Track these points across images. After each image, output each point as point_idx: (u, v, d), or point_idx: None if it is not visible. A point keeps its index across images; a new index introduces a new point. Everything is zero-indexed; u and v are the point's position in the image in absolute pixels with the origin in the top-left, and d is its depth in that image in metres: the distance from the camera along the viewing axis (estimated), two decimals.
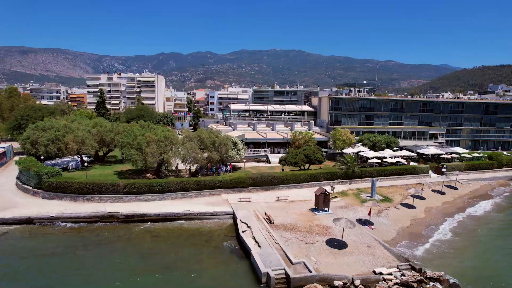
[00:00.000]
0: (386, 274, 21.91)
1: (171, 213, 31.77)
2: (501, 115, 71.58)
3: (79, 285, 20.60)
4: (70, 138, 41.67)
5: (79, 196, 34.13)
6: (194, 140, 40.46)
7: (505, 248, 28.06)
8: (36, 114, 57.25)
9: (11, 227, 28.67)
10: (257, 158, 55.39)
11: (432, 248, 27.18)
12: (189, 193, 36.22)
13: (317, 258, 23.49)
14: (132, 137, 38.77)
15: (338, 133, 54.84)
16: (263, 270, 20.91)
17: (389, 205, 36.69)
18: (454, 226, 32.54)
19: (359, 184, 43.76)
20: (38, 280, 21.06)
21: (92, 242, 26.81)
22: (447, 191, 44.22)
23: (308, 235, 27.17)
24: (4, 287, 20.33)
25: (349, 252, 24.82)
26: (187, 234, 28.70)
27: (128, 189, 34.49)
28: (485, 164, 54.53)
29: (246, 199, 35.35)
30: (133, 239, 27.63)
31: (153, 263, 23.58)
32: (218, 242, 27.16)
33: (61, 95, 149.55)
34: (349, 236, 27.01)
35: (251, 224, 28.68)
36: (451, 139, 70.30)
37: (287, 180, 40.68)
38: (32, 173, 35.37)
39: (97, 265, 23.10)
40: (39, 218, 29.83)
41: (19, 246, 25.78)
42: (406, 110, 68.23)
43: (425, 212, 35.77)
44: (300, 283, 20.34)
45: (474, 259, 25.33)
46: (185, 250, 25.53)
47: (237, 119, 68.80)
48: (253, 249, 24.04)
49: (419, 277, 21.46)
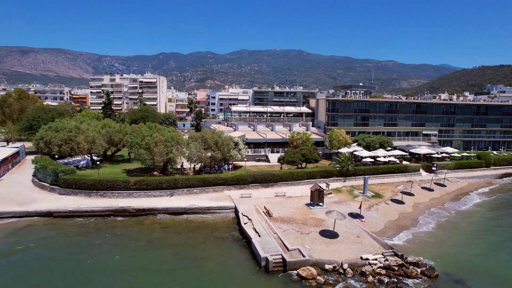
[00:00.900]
0: (371, 259, 24.74)
1: (178, 207, 34.60)
2: (492, 116, 74.43)
3: (99, 268, 23.34)
4: (82, 139, 44.45)
5: (93, 192, 36.97)
6: (198, 140, 43.29)
7: (480, 238, 30.91)
8: (46, 115, 60.03)
9: (34, 219, 31.50)
10: (257, 157, 58.21)
11: (415, 238, 30.01)
12: (194, 190, 39.06)
13: (311, 246, 26.32)
14: (141, 137, 41.58)
15: (334, 133, 57.69)
16: (263, 255, 23.74)
17: (379, 200, 39.52)
18: (438, 220, 35.30)
19: (353, 182, 46.62)
20: (62, 263, 23.82)
21: (107, 232, 29.59)
22: (436, 188, 47.03)
23: (303, 227, 30.00)
24: (34, 270, 23.06)
25: (340, 241, 27.65)
26: (193, 226, 31.53)
27: (138, 186, 37.35)
28: (473, 163, 57.38)
29: (247, 195, 38.22)
30: (144, 230, 30.41)
31: (163, 250, 26.37)
32: (222, 232, 29.99)
33: (64, 96, 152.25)
34: (340, 227, 29.84)
35: (252, 217, 31.52)
36: (443, 139, 73.11)
37: (285, 177, 43.52)
38: (49, 171, 38.19)
39: (113, 251, 25.87)
40: (58, 211, 32.64)
41: (42, 235, 28.55)
42: (400, 111, 71.05)
43: (413, 207, 38.60)
44: (295, 266, 23.18)
45: (451, 247, 28.15)
46: (192, 239, 28.36)
47: (238, 120, 71.61)
48: (254, 238, 26.88)
49: (400, 261, 24.30)
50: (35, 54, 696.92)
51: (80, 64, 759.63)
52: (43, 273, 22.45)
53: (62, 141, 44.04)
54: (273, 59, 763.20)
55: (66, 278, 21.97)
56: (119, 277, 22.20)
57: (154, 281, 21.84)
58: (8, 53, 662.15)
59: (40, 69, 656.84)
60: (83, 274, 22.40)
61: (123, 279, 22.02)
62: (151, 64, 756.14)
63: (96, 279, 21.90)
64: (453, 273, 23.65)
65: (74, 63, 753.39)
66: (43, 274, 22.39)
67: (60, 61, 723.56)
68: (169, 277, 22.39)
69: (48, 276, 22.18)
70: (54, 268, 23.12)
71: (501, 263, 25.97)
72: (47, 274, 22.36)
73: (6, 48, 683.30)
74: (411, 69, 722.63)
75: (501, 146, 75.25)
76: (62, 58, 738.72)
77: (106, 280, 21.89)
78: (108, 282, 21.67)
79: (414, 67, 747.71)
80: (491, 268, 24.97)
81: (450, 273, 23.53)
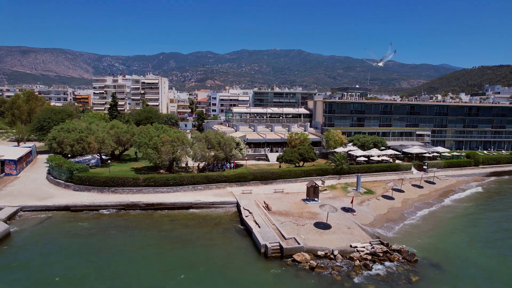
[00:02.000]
0: (360, 247, 27.69)
1: (185, 202, 37.57)
2: (483, 117, 77.36)
3: (115, 254, 26.25)
4: (92, 139, 47.40)
5: (105, 188, 39.91)
6: (202, 140, 46.25)
7: (459, 229, 33.91)
8: (56, 116, 62.99)
9: (54, 212, 34.44)
10: (257, 156, 61.17)
11: (401, 229, 32.97)
12: (199, 186, 42.03)
13: (305, 236, 29.26)
14: (148, 138, 44.51)
15: (331, 134, 60.67)
16: (262, 243, 26.70)
17: (371, 196, 42.47)
18: (424, 214, 38.31)
19: (347, 179, 49.58)
20: (82, 249, 26.75)
21: (120, 224, 32.51)
22: (426, 185, 49.97)
23: (299, 219, 32.96)
24: (58, 256, 25.98)
25: (332, 232, 30.59)
26: (199, 219, 34.48)
27: (147, 183, 40.30)
28: (463, 162, 60.36)
29: (248, 191, 41.19)
30: (154, 222, 33.33)
31: (173, 240, 29.32)
32: (225, 224, 32.96)
33: (68, 96, 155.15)
34: (333, 220, 32.79)
35: (252, 210, 34.47)
36: (436, 139, 75.99)
37: (283, 175, 46.48)
38: (64, 169, 41.12)
39: (126, 241, 28.80)
40: (74, 205, 35.59)
41: (62, 227, 31.46)
42: (394, 112, 73.96)
43: (402, 203, 41.55)
44: (291, 252, 26.14)
45: (432, 237, 31.10)
46: (198, 230, 31.31)
47: (239, 121, 74.56)
48: (254, 228, 29.83)
49: (385, 249, 27.27)
50: (35, 54, 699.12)
51: (80, 64, 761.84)
52: (67, 256, 25.38)
53: (74, 141, 46.98)
54: (273, 59, 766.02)
55: (87, 261, 24.88)
56: (133, 262, 25.12)
57: (165, 265, 24.76)
58: (8, 53, 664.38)
59: (40, 69, 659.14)
60: (101, 258, 25.37)
61: (137, 263, 24.92)
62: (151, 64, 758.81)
63: (113, 263, 24.83)
64: (431, 258, 26.61)
65: (74, 63, 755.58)
66: (67, 257, 25.31)
67: (60, 61, 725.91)
68: (178, 262, 25.30)
69: (72, 258, 25.09)
70: (76, 253, 26.04)
71: (474, 250, 28.93)
72: (71, 258, 25.28)
73: (6, 48, 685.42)
74: (411, 69, 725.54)
75: (492, 146, 78.21)
76: (62, 58, 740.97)
77: (121, 263, 24.81)
78: (123, 265, 24.58)
79: (414, 67, 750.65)
80: (465, 255, 27.93)
81: (428, 258, 26.49)
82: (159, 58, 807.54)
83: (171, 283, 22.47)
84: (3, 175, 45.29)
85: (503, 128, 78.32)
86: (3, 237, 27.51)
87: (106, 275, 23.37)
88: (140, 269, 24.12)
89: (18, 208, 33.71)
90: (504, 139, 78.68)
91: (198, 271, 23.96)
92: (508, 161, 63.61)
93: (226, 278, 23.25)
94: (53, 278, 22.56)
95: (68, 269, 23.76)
